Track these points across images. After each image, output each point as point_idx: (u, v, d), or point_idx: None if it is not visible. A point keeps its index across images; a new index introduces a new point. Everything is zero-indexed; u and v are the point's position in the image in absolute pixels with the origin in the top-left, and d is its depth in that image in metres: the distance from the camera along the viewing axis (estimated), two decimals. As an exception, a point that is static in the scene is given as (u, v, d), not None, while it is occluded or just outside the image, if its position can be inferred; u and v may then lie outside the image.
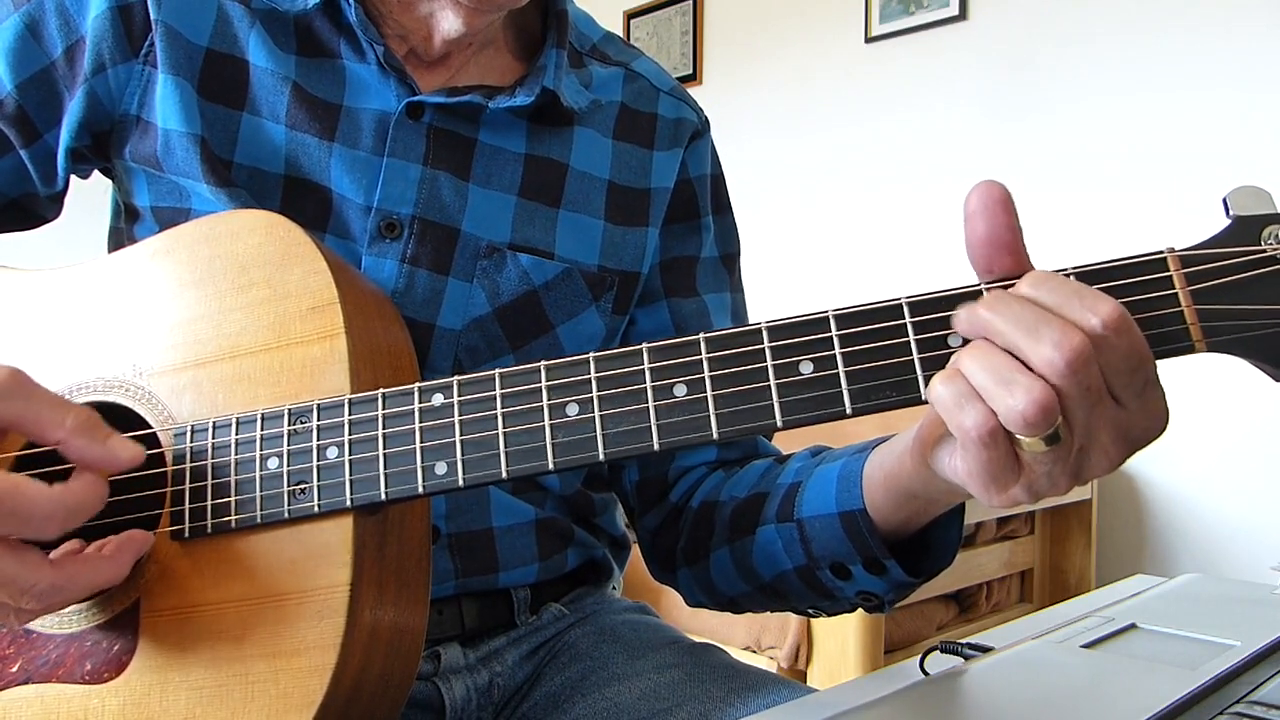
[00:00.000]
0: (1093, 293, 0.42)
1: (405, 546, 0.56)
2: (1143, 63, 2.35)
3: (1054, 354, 0.40)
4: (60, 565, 0.49)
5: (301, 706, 0.50)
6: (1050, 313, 0.42)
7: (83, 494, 0.48)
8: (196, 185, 0.65)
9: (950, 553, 0.61)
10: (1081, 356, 0.40)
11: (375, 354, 0.56)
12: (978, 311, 0.43)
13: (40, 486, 0.47)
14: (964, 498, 0.55)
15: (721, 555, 0.71)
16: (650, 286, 0.78)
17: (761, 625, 1.88)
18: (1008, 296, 0.43)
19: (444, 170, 0.68)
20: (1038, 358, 0.41)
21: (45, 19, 0.66)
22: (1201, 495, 2.28)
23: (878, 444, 0.61)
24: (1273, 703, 0.50)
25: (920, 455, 0.51)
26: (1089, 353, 0.41)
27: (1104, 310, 0.41)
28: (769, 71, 3.10)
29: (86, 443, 0.49)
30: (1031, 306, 0.42)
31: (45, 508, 0.46)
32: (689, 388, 0.47)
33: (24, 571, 0.47)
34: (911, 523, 0.59)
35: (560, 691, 0.71)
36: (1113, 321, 0.41)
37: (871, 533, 0.59)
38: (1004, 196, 0.45)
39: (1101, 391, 0.42)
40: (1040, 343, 0.41)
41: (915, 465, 0.53)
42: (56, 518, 0.47)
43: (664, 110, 0.80)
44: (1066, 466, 0.43)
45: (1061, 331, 0.41)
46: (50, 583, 0.48)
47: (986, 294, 0.44)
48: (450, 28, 0.69)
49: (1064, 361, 0.40)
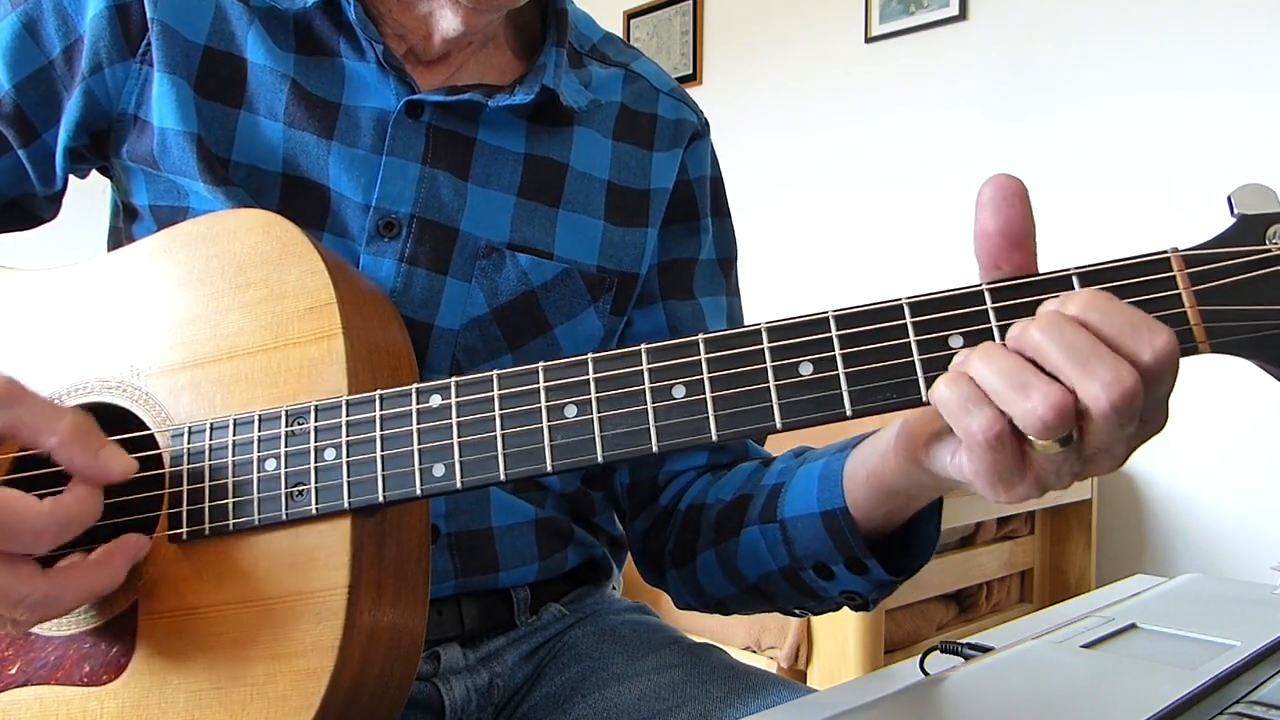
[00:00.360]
0: (1150, 323, 0.40)
1: (404, 547, 0.55)
2: (1143, 63, 2.35)
3: (1101, 394, 0.39)
4: (53, 575, 0.48)
5: (300, 709, 0.50)
6: (1104, 344, 0.40)
7: (75, 508, 0.48)
8: (193, 184, 0.65)
9: (930, 548, 0.61)
10: (1129, 400, 0.39)
11: (373, 354, 0.56)
12: (1030, 333, 0.41)
13: (30, 501, 0.46)
14: (947, 491, 0.55)
15: (708, 558, 0.71)
16: (647, 288, 0.78)
17: (761, 625, 1.88)
18: (1063, 320, 0.41)
19: (443, 169, 0.68)
20: (1084, 393, 0.40)
21: (43, 18, 0.66)
22: (1201, 495, 2.28)
23: (859, 441, 0.61)
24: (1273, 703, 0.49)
25: (908, 453, 0.51)
26: (1138, 393, 0.40)
27: (1160, 344, 0.40)
28: (769, 71, 3.10)
29: (79, 452, 0.48)
30: (1086, 334, 0.40)
31: (35, 523, 0.46)
32: (688, 389, 0.47)
33: (16, 583, 0.47)
34: (894, 518, 0.59)
35: (560, 692, 0.71)
36: (1166, 355, 0.40)
37: (853, 532, 0.60)
38: (1021, 189, 0.44)
39: (1135, 420, 0.41)
40: (1091, 380, 0.40)
41: (899, 463, 0.53)
42: (47, 533, 0.47)
43: (664, 111, 0.80)
44: (1075, 464, 0.43)
45: (1114, 372, 0.39)
46: (44, 593, 0.47)
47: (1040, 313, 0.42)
48: (449, 27, 0.69)
49: (1109, 403, 0.39)
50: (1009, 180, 0.44)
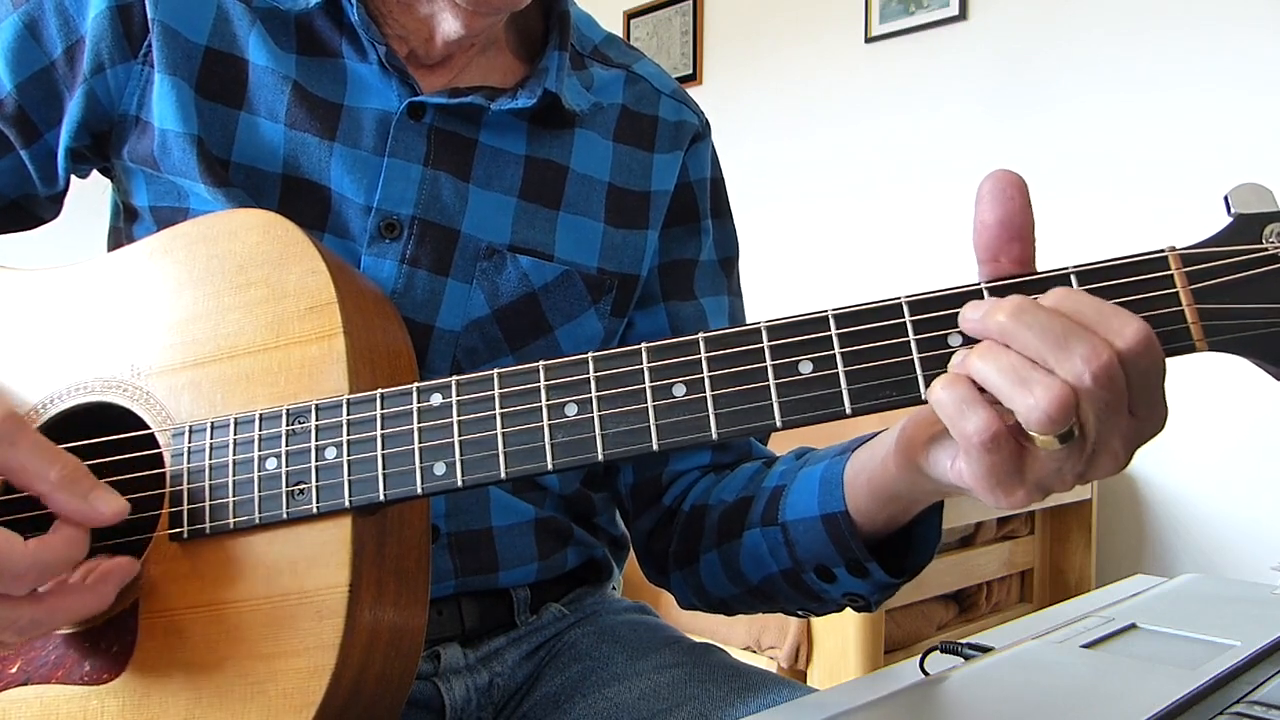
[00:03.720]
0: (1121, 312, 0.41)
1: (404, 546, 0.55)
2: (1142, 62, 2.35)
3: (1082, 368, 0.40)
4: (40, 600, 0.48)
5: (300, 707, 0.50)
6: (1079, 325, 0.41)
7: (61, 550, 0.48)
8: (194, 185, 0.65)
9: (931, 549, 0.61)
10: (1109, 372, 0.40)
11: (374, 354, 0.56)
12: (996, 317, 0.42)
13: (15, 542, 0.46)
14: (948, 496, 0.55)
15: (711, 559, 0.71)
16: (649, 289, 0.78)
17: (761, 625, 1.88)
18: (1033, 305, 0.42)
19: (444, 171, 0.68)
20: (1064, 370, 0.40)
21: (45, 19, 0.66)
22: (1201, 495, 2.28)
23: (860, 444, 0.61)
24: (1273, 703, 0.49)
25: (907, 458, 0.51)
26: (1117, 369, 0.40)
27: (1131, 331, 0.41)
28: (769, 72, 3.10)
29: (68, 498, 0.48)
30: (1060, 317, 0.41)
31: (17, 565, 0.46)
32: (688, 388, 0.47)
33: (3, 610, 0.47)
34: (894, 522, 0.59)
35: (560, 691, 0.71)
36: (1140, 342, 0.41)
37: (853, 535, 0.60)
38: (1021, 183, 0.44)
39: (1122, 405, 0.42)
40: (1070, 355, 0.40)
41: (899, 469, 0.53)
42: (29, 576, 0.47)
43: (665, 113, 0.80)
44: (1076, 465, 0.43)
45: (1091, 346, 0.40)
46: (31, 618, 0.48)
47: (1007, 300, 0.43)
48: (450, 29, 0.69)
49: (1091, 375, 0.40)
50: (1008, 174, 0.45)
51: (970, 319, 0.43)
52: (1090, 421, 0.41)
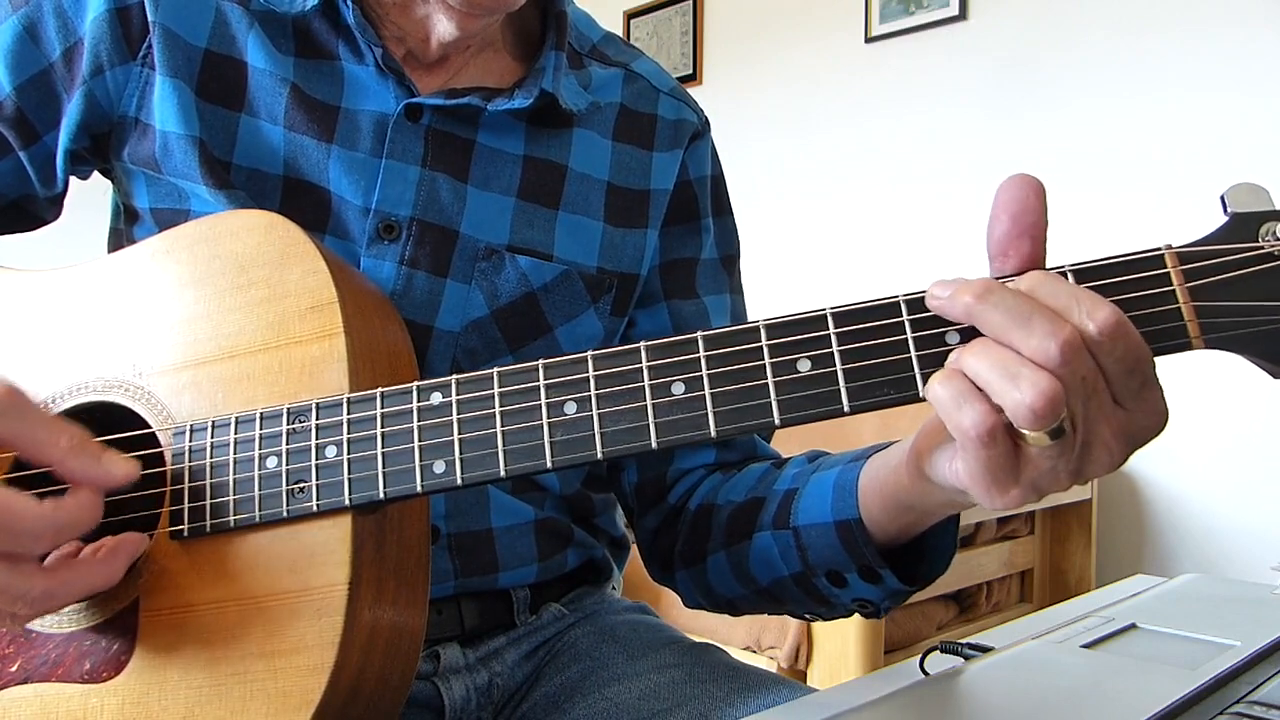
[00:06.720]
0: (1090, 296, 0.42)
1: (404, 546, 0.55)
2: (1142, 63, 2.35)
3: (1048, 343, 0.40)
4: (53, 571, 0.48)
5: (300, 706, 0.50)
6: (1045, 306, 0.42)
7: (76, 511, 0.48)
8: (195, 187, 0.65)
9: (946, 560, 0.61)
10: (1073, 345, 0.41)
11: (374, 354, 0.56)
12: (964, 298, 0.43)
13: (30, 503, 0.46)
14: (962, 508, 0.55)
15: (718, 559, 0.71)
16: (650, 288, 0.78)
17: (761, 625, 1.88)
18: (999, 286, 0.43)
19: (442, 172, 0.68)
20: (1030, 348, 0.41)
21: (44, 21, 0.66)
22: (1201, 495, 2.28)
23: (874, 451, 0.61)
24: (1273, 703, 0.49)
25: (917, 468, 0.51)
26: (1082, 347, 0.41)
27: (1101, 315, 0.41)
28: (769, 71, 3.10)
29: (80, 462, 0.49)
30: (1025, 298, 0.42)
31: (35, 525, 0.46)
32: (687, 386, 0.47)
33: (15, 580, 0.47)
34: (908, 531, 0.59)
35: (560, 691, 0.71)
36: (1109, 327, 0.41)
37: (866, 543, 0.59)
38: (1039, 186, 0.45)
39: (1098, 384, 0.42)
40: (1032, 333, 0.41)
41: (911, 479, 0.53)
42: (46, 536, 0.47)
43: (664, 111, 0.80)
44: (1069, 462, 0.43)
45: (1052, 321, 0.41)
46: (43, 589, 0.48)
47: (975, 280, 0.43)
48: (444, 31, 0.69)
49: (1057, 349, 0.40)
50: (1028, 177, 0.45)
51: (938, 296, 0.44)
52: (1077, 411, 0.42)
